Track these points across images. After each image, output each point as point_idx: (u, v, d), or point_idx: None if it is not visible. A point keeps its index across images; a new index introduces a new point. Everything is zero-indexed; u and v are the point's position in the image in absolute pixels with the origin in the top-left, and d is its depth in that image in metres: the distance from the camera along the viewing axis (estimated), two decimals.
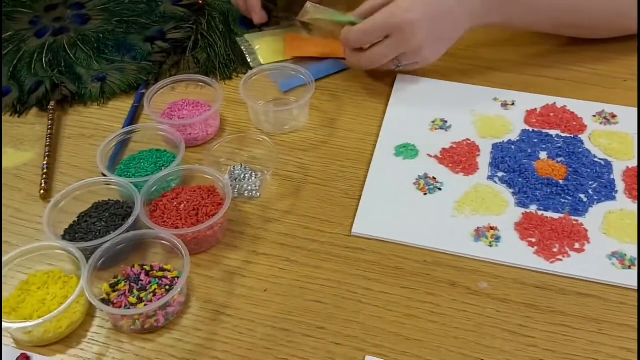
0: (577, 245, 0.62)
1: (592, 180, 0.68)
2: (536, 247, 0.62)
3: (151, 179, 0.66)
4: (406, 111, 0.78)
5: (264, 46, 0.88)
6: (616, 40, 0.84)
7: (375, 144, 0.73)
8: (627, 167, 0.69)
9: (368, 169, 0.70)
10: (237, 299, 0.59)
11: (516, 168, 0.69)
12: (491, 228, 0.64)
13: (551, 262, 0.61)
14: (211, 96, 0.77)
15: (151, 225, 0.61)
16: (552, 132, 0.74)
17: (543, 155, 0.71)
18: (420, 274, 0.61)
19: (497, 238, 0.63)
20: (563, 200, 0.66)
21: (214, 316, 0.58)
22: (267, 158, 0.72)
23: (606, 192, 0.67)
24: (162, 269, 0.60)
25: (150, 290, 0.57)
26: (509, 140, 0.73)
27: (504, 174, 0.69)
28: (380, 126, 0.76)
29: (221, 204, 0.64)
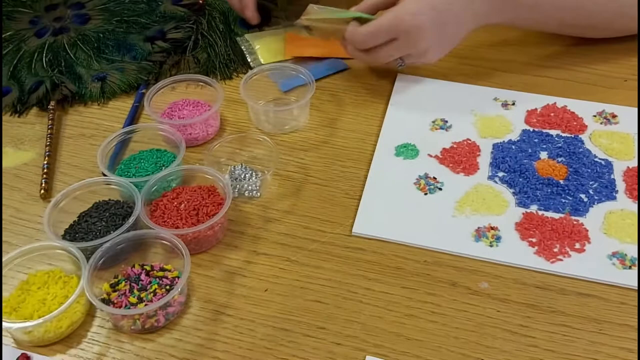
0: (578, 245, 0.62)
1: (593, 180, 0.68)
2: (537, 247, 0.62)
3: (151, 179, 0.66)
4: (406, 111, 0.78)
5: (264, 46, 0.88)
6: (616, 40, 0.84)
7: (375, 144, 0.73)
8: (628, 167, 0.69)
9: (368, 169, 0.70)
10: (238, 299, 0.59)
11: (516, 168, 0.69)
12: (492, 228, 0.64)
13: (552, 262, 0.61)
14: (211, 96, 0.77)
15: (151, 225, 0.61)
16: (553, 132, 0.74)
17: (543, 155, 0.71)
18: (420, 274, 0.61)
19: (498, 238, 0.63)
20: (563, 200, 0.66)
21: (215, 316, 0.58)
22: (268, 158, 0.72)
23: (607, 192, 0.67)
24: (163, 269, 0.60)
25: (150, 290, 0.57)
26: (510, 140, 0.73)
27: (505, 174, 0.69)
28: (380, 126, 0.76)
29: (221, 204, 0.64)
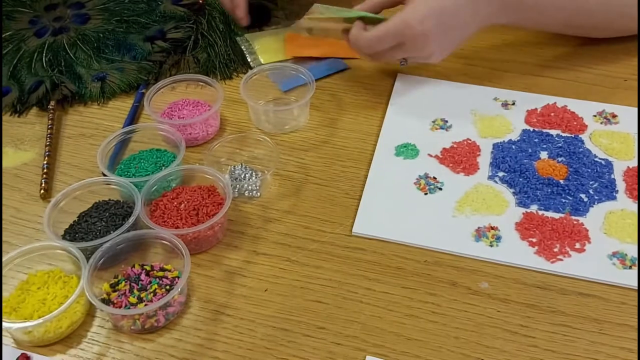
0: (578, 245, 0.62)
1: (593, 180, 0.68)
2: (537, 247, 0.62)
3: (151, 179, 0.66)
4: (407, 111, 0.78)
5: (264, 46, 0.88)
6: (616, 40, 0.84)
7: (375, 144, 0.73)
8: (628, 167, 0.69)
9: (368, 169, 0.70)
10: (238, 299, 0.59)
11: (517, 168, 0.69)
12: (492, 228, 0.64)
13: (552, 262, 0.61)
14: (211, 96, 0.77)
15: (151, 225, 0.61)
16: (553, 132, 0.74)
17: (544, 155, 0.71)
18: (420, 274, 0.61)
19: (498, 238, 0.63)
20: (564, 200, 0.66)
21: (214, 316, 0.58)
22: (268, 158, 0.72)
23: (607, 192, 0.67)
24: (163, 269, 0.60)
25: (150, 290, 0.57)
26: (510, 140, 0.73)
27: (505, 174, 0.69)
28: (380, 126, 0.76)
29: (221, 204, 0.64)
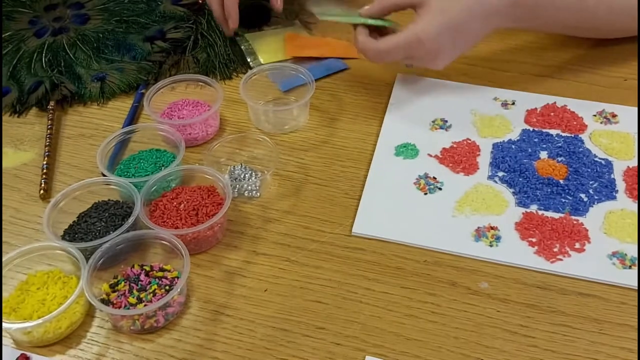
0: (578, 245, 0.62)
1: (593, 179, 0.68)
2: (537, 247, 0.62)
3: (151, 179, 0.66)
4: (406, 111, 0.77)
5: (264, 46, 0.88)
6: (616, 40, 0.84)
7: (375, 144, 0.73)
8: (628, 167, 0.69)
9: (368, 169, 0.70)
10: (237, 299, 0.59)
11: (516, 168, 0.69)
12: (491, 228, 0.64)
13: (552, 262, 0.61)
14: (211, 96, 0.77)
15: (151, 225, 0.61)
16: (553, 132, 0.74)
17: (543, 154, 0.71)
18: (420, 274, 0.61)
19: (498, 238, 0.63)
20: (563, 199, 0.66)
21: (214, 316, 0.58)
22: (267, 158, 0.72)
23: (607, 192, 0.67)
24: (162, 269, 0.60)
25: (150, 290, 0.57)
26: (510, 139, 0.73)
27: (505, 174, 0.69)
28: (380, 126, 0.76)
29: (221, 204, 0.64)
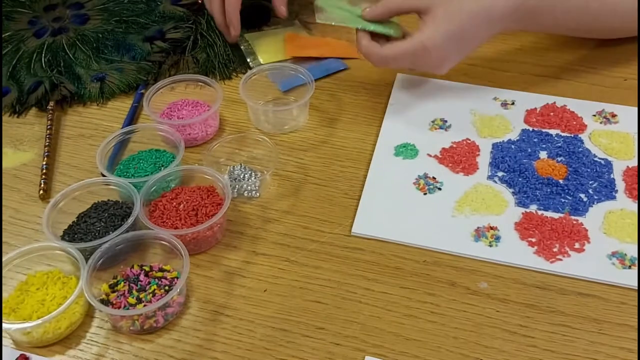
0: (577, 245, 0.62)
1: (592, 179, 0.68)
2: (536, 247, 0.62)
3: (150, 179, 0.66)
4: (406, 111, 0.77)
5: (264, 46, 0.88)
6: (616, 40, 0.84)
7: (375, 144, 0.73)
8: (627, 167, 0.69)
9: (368, 169, 0.70)
10: (237, 300, 0.59)
11: (516, 168, 0.69)
12: (491, 228, 0.64)
13: (551, 262, 0.60)
14: (211, 96, 0.77)
15: (150, 225, 0.61)
16: (552, 132, 0.74)
17: (543, 154, 0.71)
18: (419, 274, 0.60)
19: (497, 238, 0.63)
20: (563, 199, 0.66)
21: (214, 317, 0.58)
22: (267, 158, 0.72)
23: (606, 192, 0.67)
24: (162, 270, 0.60)
25: (149, 290, 0.57)
26: (509, 139, 0.73)
27: (504, 174, 0.69)
28: (379, 126, 0.76)
29: (220, 204, 0.64)
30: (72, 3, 0.96)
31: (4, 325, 0.54)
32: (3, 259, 0.59)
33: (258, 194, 0.69)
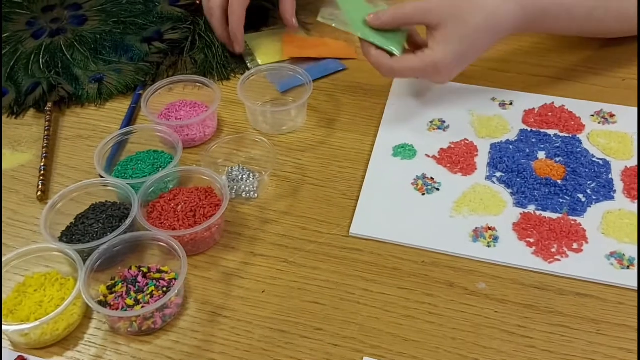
0: (576, 245, 0.62)
1: (591, 180, 0.68)
2: (534, 248, 0.62)
3: (148, 180, 0.66)
4: (404, 111, 0.77)
5: (262, 47, 0.88)
6: (615, 39, 0.84)
7: (373, 145, 0.73)
8: (626, 167, 0.69)
9: (366, 170, 0.70)
10: (235, 301, 0.59)
11: (514, 168, 0.69)
12: (489, 228, 0.64)
13: (549, 263, 0.60)
14: (209, 97, 0.77)
15: (148, 226, 0.61)
16: (551, 132, 0.74)
17: (541, 155, 0.71)
18: (418, 275, 0.60)
19: (495, 238, 0.63)
20: (561, 200, 0.66)
21: (212, 318, 0.58)
22: (265, 159, 0.72)
23: (605, 192, 0.67)
24: (160, 271, 0.60)
25: (147, 292, 0.57)
26: (507, 140, 0.73)
27: (502, 174, 0.69)
28: (378, 126, 0.76)
29: (219, 205, 0.64)
30: (70, 4, 0.96)
31: (2, 327, 0.54)
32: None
33: (256, 195, 0.69)
